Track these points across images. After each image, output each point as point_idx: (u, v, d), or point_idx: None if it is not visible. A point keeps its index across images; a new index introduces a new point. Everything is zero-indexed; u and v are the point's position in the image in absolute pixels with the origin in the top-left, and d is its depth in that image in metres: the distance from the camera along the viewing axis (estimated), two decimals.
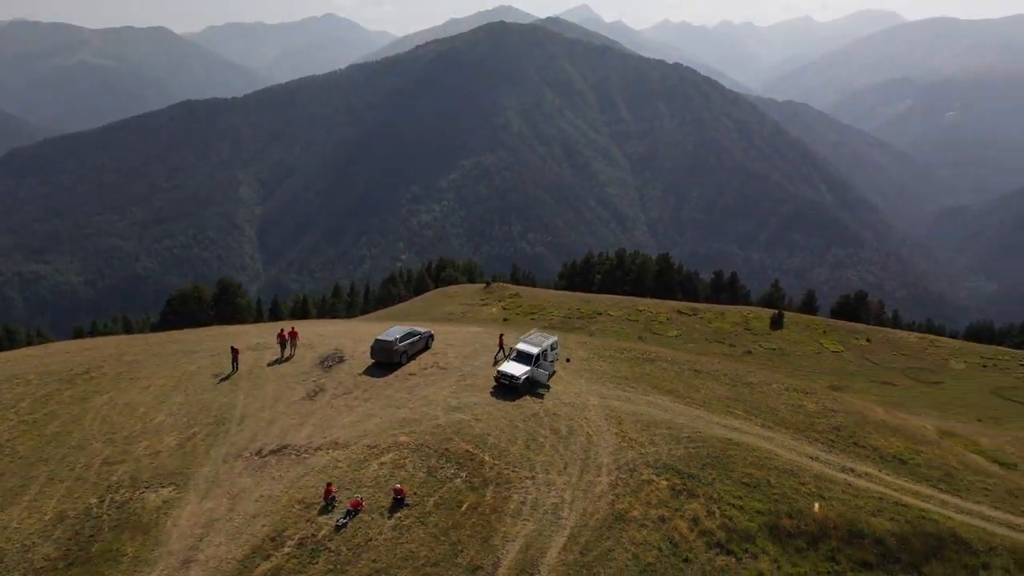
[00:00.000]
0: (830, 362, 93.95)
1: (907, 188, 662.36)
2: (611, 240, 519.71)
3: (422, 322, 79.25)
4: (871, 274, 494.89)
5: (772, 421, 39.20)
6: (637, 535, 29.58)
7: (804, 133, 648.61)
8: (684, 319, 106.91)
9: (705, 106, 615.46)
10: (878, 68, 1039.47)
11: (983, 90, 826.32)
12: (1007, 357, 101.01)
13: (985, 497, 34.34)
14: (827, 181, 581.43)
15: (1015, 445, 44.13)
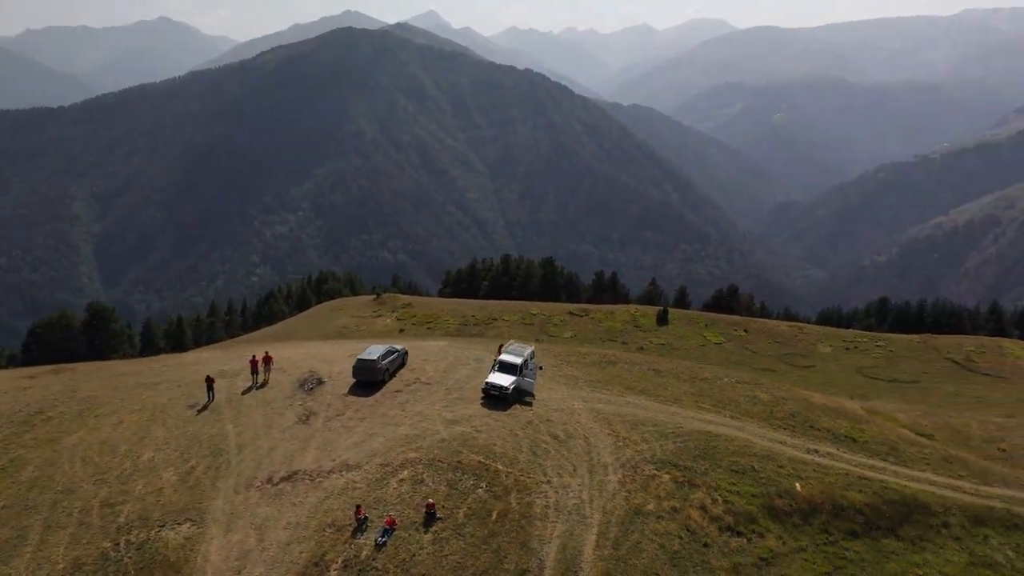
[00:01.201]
0: (714, 353, 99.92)
1: (744, 186, 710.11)
2: (472, 245, 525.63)
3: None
4: (717, 268, 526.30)
5: (738, 412, 43.04)
6: (657, 526, 32.18)
7: (649, 135, 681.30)
8: (576, 320, 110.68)
9: (556, 111, 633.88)
10: (713, 73, 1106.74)
11: (806, 93, 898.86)
12: (865, 339, 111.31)
13: (927, 465, 39.49)
14: (672, 181, 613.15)
15: (926, 418, 50.34)
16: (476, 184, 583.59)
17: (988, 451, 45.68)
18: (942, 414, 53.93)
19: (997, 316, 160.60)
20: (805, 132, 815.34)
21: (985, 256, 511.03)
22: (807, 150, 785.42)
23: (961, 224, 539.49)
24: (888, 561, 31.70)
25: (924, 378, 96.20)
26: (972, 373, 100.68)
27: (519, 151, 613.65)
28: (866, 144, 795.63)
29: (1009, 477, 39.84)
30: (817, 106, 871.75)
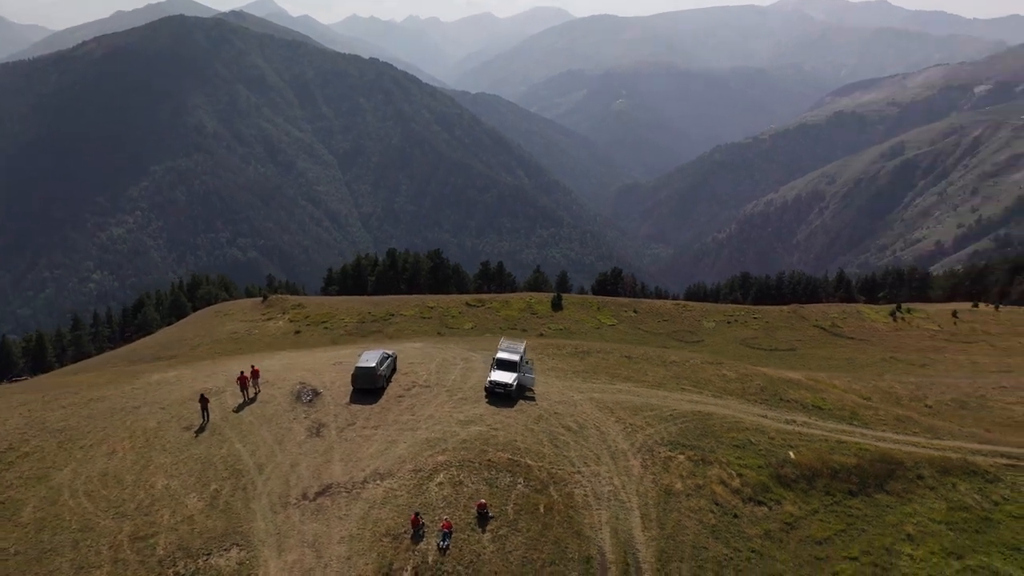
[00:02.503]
0: (610, 335, 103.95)
1: (591, 170, 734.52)
2: (325, 238, 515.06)
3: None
4: (572, 251, 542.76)
5: (716, 391, 46.34)
6: (690, 504, 34.66)
7: (498, 123, 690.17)
8: (474, 311, 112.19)
9: (405, 100, 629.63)
10: (554, 61, 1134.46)
11: (644, 79, 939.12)
12: (742, 313, 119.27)
13: (886, 426, 44.27)
14: (524, 167, 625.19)
15: (857, 383, 55.83)
16: (326, 176, 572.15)
17: (918, 408, 51.48)
18: (867, 378, 59.83)
19: (846, 284, 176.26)
20: (645, 117, 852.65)
21: (812, 228, 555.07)
22: (648, 134, 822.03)
23: (790, 199, 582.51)
24: (886, 514, 35.69)
25: (799, 345, 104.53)
26: (838, 338, 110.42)
27: (369, 141, 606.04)
28: (702, 127, 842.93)
29: (951, 430, 45.34)
30: (655, 92, 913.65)
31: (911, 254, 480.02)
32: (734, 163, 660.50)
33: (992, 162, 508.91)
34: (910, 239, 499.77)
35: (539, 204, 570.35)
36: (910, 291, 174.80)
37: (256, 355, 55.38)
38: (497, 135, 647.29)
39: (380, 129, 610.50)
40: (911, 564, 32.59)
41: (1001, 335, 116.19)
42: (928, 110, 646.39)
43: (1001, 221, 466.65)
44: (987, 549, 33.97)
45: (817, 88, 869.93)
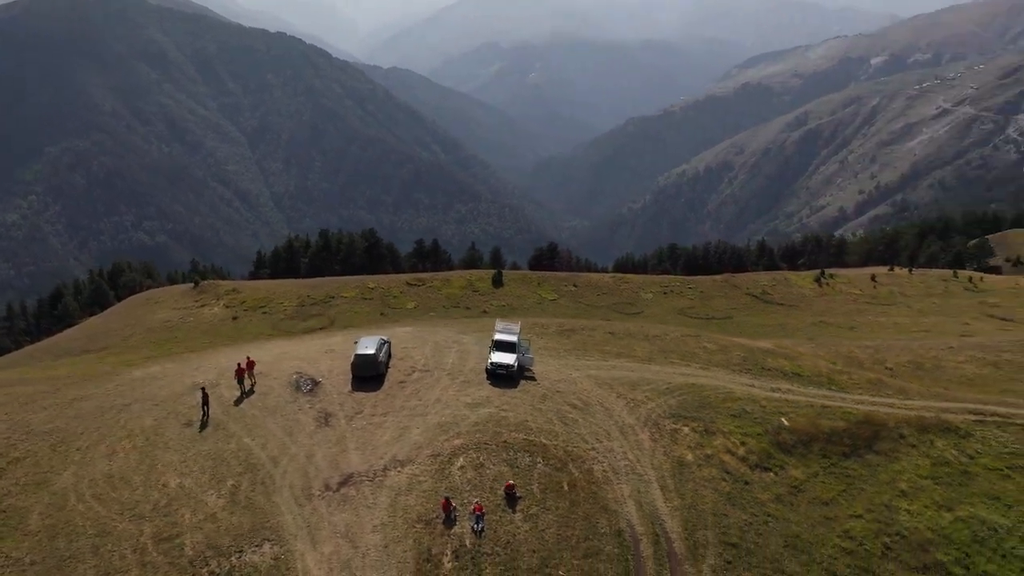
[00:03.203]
0: (552, 310, 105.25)
1: (507, 144, 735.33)
2: (237, 219, 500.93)
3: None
4: (491, 225, 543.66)
5: (703, 363, 47.99)
6: (702, 473, 36.09)
7: (412, 98, 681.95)
8: (416, 290, 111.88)
9: (315, 75, 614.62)
10: (467, 34, 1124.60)
11: (557, 52, 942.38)
12: (678, 283, 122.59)
13: (861, 390, 46.82)
14: (440, 142, 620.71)
15: (820, 349, 58.63)
16: (235, 155, 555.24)
17: (879, 371, 54.55)
18: (829, 344, 62.79)
19: (769, 252, 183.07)
20: (560, 90, 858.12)
21: (723, 197, 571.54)
22: (563, 107, 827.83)
23: (701, 170, 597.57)
24: (878, 473, 37.99)
25: (734, 313, 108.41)
26: (770, 304, 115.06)
27: (280, 118, 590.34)
28: (615, 100, 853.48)
29: (919, 391, 48.29)
30: (569, 65, 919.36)
31: (816, 220, 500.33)
32: (647, 135, 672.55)
33: (888, 131, 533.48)
34: (815, 206, 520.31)
35: (456, 179, 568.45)
36: (828, 257, 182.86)
37: (243, 346, 54.12)
38: (411, 110, 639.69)
39: (290, 105, 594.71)
40: (910, 518, 34.90)
41: (916, 297, 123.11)
42: (829, 81, 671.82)
43: (898, 187, 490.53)
44: (971, 500, 36.63)
45: (724, 60, 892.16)
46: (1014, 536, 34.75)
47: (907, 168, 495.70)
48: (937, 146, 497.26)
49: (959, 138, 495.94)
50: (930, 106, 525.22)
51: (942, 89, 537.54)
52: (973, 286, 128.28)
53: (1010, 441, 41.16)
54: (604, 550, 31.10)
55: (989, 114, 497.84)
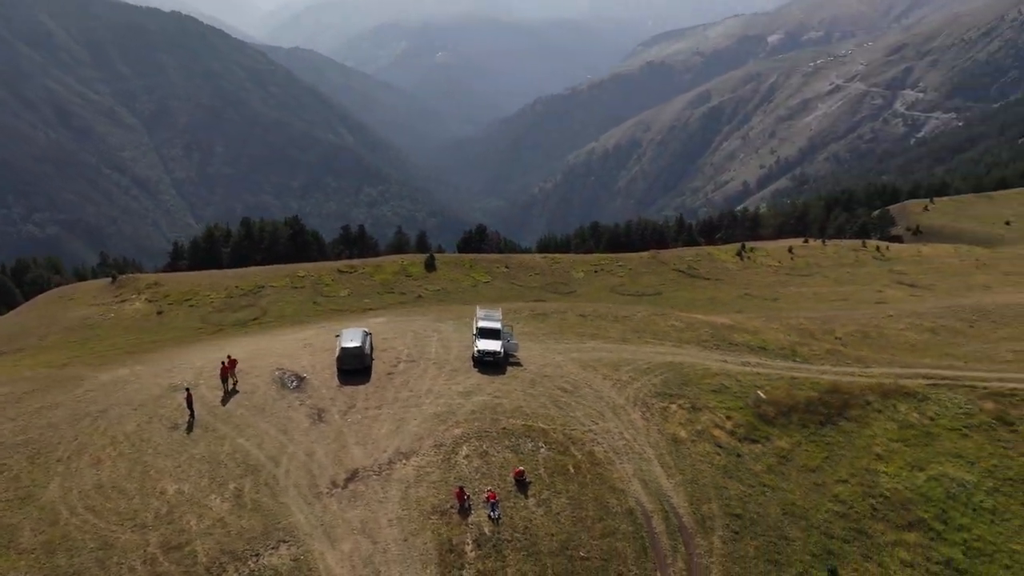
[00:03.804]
0: (487, 292, 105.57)
1: (417, 125, 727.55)
2: (136, 208, 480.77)
3: None
4: (403, 208, 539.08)
5: (675, 341, 49.40)
6: (697, 449, 37.41)
7: (316, 79, 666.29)
8: (348, 277, 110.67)
9: (213, 56, 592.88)
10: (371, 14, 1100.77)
11: (465, 32, 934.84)
12: (607, 261, 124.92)
13: (822, 360, 49.17)
14: (347, 125, 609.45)
15: (772, 323, 61.07)
16: (131, 141, 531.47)
17: (830, 341, 57.33)
18: (780, 317, 65.35)
19: (688, 228, 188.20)
20: (468, 70, 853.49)
21: (633, 174, 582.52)
22: (472, 87, 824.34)
23: (610, 148, 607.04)
24: (854, 439, 40.18)
25: (663, 289, 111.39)
26: (697, 279, 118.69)
27: (177, 102, 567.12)
28: (524, 79, 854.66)
29: (875, 358, 51.09)
30: (477, 44, 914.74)
31: (721, 195, 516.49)
32: (556, 114, 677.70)
33: (786, 106, 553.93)
34: (720, 181, 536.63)
35: (365, 162, 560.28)
36: (744, 231, 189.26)
37: (211, 344, 52.38)
38: (316, 92, 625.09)
39: (187, 88, 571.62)
40: (889, 480, 37.15)
41: (830, 267, 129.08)
42: (729, 59, 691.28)
43: (797, 161, 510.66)
44: (939, 460, 39.20)
45: (629, 39, 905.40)
46: (980, 491, 37.42)
47: (804, 142, 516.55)
48: (831, 121, 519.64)
49: (851, 113, 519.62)
50: (824, 82, 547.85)
51: (835, 66, 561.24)
52: (881, 255, 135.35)
53: (963, 402, 44.06)
54: (619, 529, 31.99)
55: (878, 89, 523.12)
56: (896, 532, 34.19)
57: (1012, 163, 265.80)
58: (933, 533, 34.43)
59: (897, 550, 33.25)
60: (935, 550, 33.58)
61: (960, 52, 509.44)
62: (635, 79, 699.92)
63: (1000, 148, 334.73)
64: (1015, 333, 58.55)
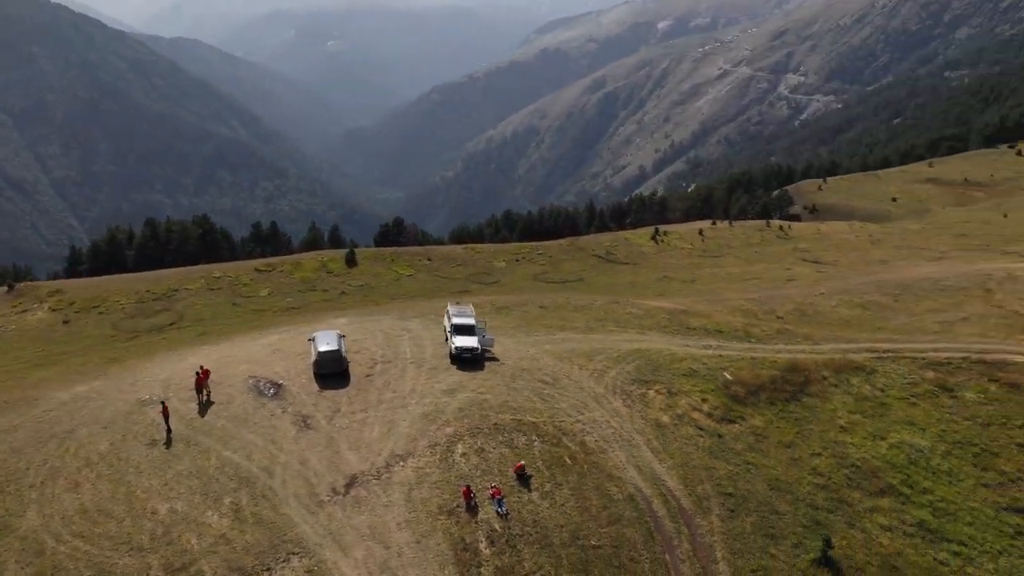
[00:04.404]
0: (411, 285, 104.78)
1: (311, 116, 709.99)
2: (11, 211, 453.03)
3: None
4: (302, 202, 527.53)
5: (638, 328, 50.63)
6: (681, 432, 38.72)
7: (203, 70, 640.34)
8: (266, 276, 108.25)
9: (90, 46, 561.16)
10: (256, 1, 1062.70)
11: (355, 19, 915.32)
12: (528, 250, 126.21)
13: (775, 339, 51.50)
14: (238, 117, 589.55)
15: (715, 305, 63.30)
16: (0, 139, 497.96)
17: (772, 320, 59.93)
18: (723, 300, 67.66)
19: (599, 214, 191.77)
20: (361, 58, 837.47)
21: (532, 162, 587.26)
22: (367, 76, 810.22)
23: (509, 135, 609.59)
24: (818, 413, 42.44)
25: (585, 275, 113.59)
26: (616, 264, 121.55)
27: (52, 96, 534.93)
28: (419, 67, 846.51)
29: (822, 335, 53.81)
30: (369, 32, 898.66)
31: (619, 179, 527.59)
32: (453, 102, 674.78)
33: (678, 91, 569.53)
34: (617, 166, 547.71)
35: (260, 155, 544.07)
36: (652, 215, 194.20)
37: (170, 354, 49.97)
38: (203, 83, 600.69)
39: (62, 81, 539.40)
40: (857, 450, 39.49)
41: (740, 247, 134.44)
42: (622, 45, 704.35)
43: (690, 144, 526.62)
44: (895, 428, 41.91)
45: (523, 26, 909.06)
46: (935, 455, 40.26)
47: (697, 126, 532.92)
48: (721, 105, 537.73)
49: (739, 97, 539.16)
50: (713, 67, 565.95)
51: (722, 51, 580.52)
52: (784, 234, 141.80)
53: (906, 373, 47.14)
54: (624, 515, 32.87)
55: (763, 74, 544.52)
56: (871, 499, 36.44)
57: (890, 143, 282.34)
58: (903, 497, 36.86)
59: (875, 515, 35.47)
60: (907, 513, 35.99)
61: (836, 37, 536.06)
62: (531, 66, 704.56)
63: (877, 129, 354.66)
64: (936, 305, 62.73)
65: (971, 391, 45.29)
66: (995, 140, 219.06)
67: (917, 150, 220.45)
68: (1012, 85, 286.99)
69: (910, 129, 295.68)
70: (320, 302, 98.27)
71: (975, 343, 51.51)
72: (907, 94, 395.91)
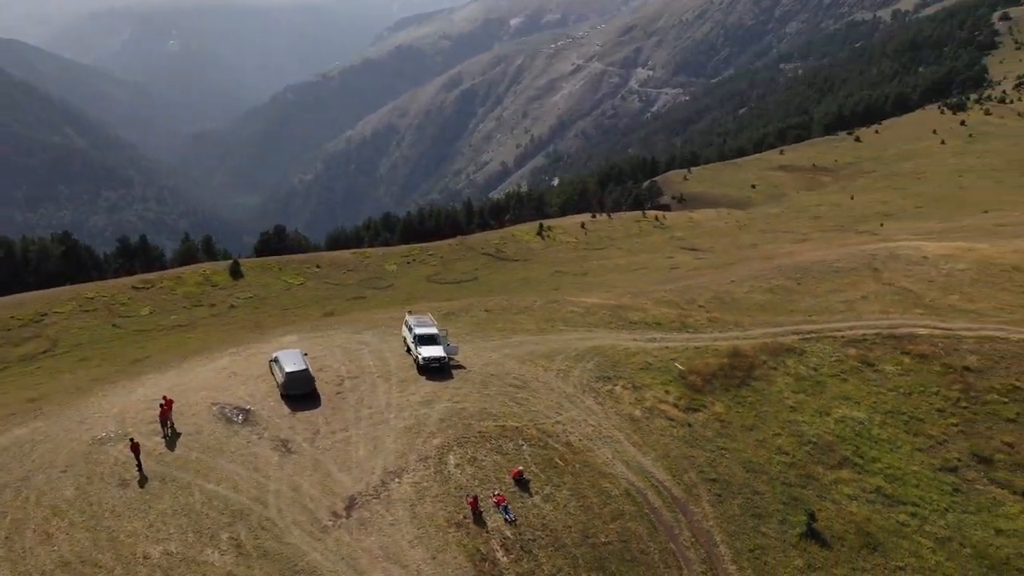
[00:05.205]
0: (303, 294, 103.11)
1: (154, 120, 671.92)
2: None
3: None
4: (150, 211, 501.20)
5: (585, 325, 51.82)
6: (655, 425, 40.25)
7: (28, 74, 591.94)
8: (146, 293, 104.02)
9: None
10: None
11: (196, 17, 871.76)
12: (417, 251, 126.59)
13: (709, 328, 54.16)
14: (73, 124, 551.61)
15: (639, 297, 65.63)
16: None
17: (697, 309, 62.79)
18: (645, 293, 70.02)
19: (480, 211, 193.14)
20: (205, 58, 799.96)
21: (393, 160, 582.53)
22: (212, 76, 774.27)
23: (368, 135, 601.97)
24: (768, 396, 45.13)
25: (478, 274, 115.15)
26: (506, 261, 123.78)
27: None
28: (269, 67, 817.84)
29: (749, 321, 56.94)
30: (212, 31, 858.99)
31: (483, 175, 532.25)
32: (308, 102, 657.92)
33: (535, 87, 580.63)
34: (480, 162, 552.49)
35: (100, 164, 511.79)
36: (531, 210, 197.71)
37: (112, 386, 46.27)
38: (30, 88, 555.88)
39: None
40: (809, 428, 42.40)
41: (622, 238, 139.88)
42: (476, 42, 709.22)
43: (549, 139, 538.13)
44: (835, 404, 45.24)
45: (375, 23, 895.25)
46: (874, 425, 43.81)
47: (554, 121, 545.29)
48: (576, 99, 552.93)
49: (593, 91, 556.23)
50: (566, 63, 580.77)
51: (574, 47, 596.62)
52: (660, 224, 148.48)
53: (831, 351, 50.85)
54: (625, 510, 33.93)
55: (615, 68, 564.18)
56: (833, 472, 39.30)
57: (741, 132, 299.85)
58: (858, 467, 39.96)
59: (840, 487, 38.30)
60: (865, 481, 39.08)
61: (680, 33, 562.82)
62: (387, 64, 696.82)
63: (725, 119, 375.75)
64: (835, 286, 67.70)
65: (889, 364, 49.37)
66: (834, 128, 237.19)
67: (768, 139, 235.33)
68: (842, 76, 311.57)
69: (756, 119, 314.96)
70: (209, 317, 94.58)
71: (880, 319, 56.17)
72: (748, 85, 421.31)
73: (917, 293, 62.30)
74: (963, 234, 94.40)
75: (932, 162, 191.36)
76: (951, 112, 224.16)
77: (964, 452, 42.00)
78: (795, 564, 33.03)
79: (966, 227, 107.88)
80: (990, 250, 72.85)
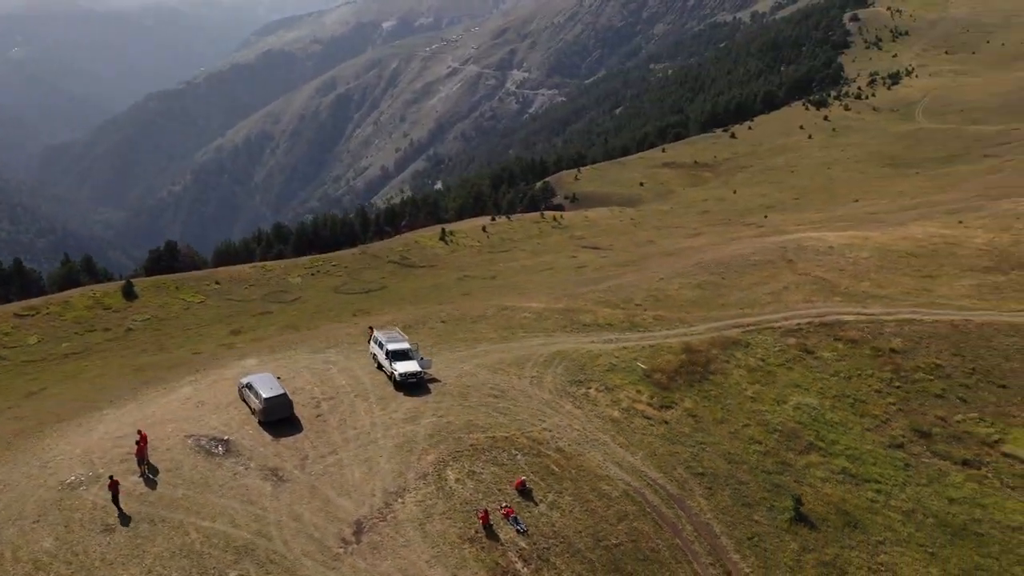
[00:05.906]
0: (204, 313, 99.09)
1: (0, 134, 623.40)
2: None
3: None
4: (2, 231, 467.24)
5: (544, 330, 52.25)
6: (635, 425, 41.25)
7: None
8: (31, 321, 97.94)
9: None
10: None
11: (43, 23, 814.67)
12: (320, 262, 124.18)
13: (658, 326, 55.82)
14: None
15: (579, 300, 66.78)
16: None
17: (635, 308, 64.43)
18: (585, 296, 71.10)
19: (376, 218, 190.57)
20: (55, 67, 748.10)
21: (269, 168, 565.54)
22: (63, 85, 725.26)
23: (240, 143, 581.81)
24: (728, 389, 47.03)
25: (386, 282, 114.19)
26: (413, 268, 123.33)
27: None
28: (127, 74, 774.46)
29: (690, 318, 58.95)
30: (61, 37, 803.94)
31: (363, 181, 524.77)
32: (173, 111, 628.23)
33: (411, 91, 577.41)
34: (359, 167, 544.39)
35: None
36: (426, 216, 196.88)
37: (66, 425, 42.72)
38: None
39: None
40: (772, 416, 44.54)
41: (524, 240, 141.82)
42: (349, 46, 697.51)
43: (429, 142, 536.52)
44: (788, 392, 47.69)
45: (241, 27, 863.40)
46: (826, 409, 46.49)
47: (433, 124, 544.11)
48: (454, 102, 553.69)
49: (470, 94, 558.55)
50: (442, 66, 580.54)
51: (449, 50, 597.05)
52: (559, 224, 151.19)
53: (772, 342, 53.53)
54: (628, 511, 34.67)
55: (491, 71, 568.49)
56: (803, 457, 41.47)
57: (620, 131, 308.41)
58: (823, 451, 42.33)
59: (812, 470, 40.47)
60: (832, 463, 41.45)
61: (553, 34, 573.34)
62: (256, 69, 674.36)
63: (603, 119, 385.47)
64: (757, 279, 71.12)
65: (826, 351, 52.44)
66: (710, 125, 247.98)
67: (650, 137, 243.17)
68: (712, 76, 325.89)
69: (633, 118, 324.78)
70: (105, 343, 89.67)
71: (808, 308, 59.55)
72: (621, 85, 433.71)
73: (832, 281, 66.23)
74: (843, 223, 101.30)
75: (802, 156, 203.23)
76: (815, 108, 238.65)
77: (906, 429, 45.08)
78: (791, 548, 34.71)
79: (843, 216, 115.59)
80: (883, 238, 78.50)
